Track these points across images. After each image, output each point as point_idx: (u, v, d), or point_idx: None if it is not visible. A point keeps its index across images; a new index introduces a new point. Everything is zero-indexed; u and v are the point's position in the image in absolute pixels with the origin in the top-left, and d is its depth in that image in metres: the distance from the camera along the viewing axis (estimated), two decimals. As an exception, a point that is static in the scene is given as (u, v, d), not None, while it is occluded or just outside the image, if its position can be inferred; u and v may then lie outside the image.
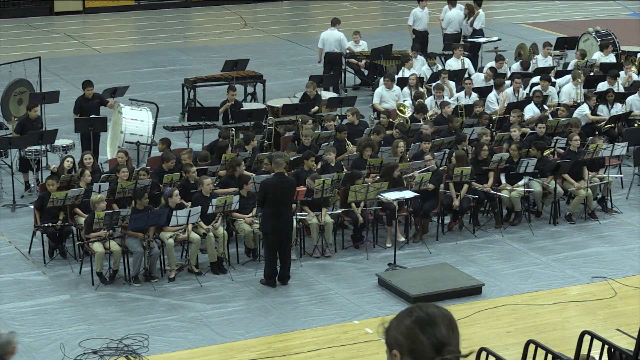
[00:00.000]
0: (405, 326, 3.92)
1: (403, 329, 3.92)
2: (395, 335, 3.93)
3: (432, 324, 3.91)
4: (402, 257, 16.36)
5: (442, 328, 3.92)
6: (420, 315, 3.92)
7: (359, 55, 25.44)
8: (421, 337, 3.89)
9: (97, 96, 20.14)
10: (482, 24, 26.84)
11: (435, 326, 3.91)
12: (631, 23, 32.66)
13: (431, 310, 3.96)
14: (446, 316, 3.96)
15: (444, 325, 3.93)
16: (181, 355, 13.52)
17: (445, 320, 3.95)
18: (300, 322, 14.41)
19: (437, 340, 3.90)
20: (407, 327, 3.91)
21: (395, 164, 17.08)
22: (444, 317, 3.96)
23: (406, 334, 3.91)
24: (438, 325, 3.91)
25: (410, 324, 3.92)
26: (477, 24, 26.66)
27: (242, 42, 30.44)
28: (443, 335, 3.91)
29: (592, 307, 14.97)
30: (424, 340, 3.89)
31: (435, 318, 3.92)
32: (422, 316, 3.92)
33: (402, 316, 3.97)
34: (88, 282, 15.51)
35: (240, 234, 16.29)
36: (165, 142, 17.90)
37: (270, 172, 16.47)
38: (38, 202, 16.33)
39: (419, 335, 3.90)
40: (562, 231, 17.64)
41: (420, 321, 3.91)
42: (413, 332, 3.90)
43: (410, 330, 3.91)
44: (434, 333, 3.90)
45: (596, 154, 18.14)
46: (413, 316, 3.93)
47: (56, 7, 34.03)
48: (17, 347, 10.37)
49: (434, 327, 3.91)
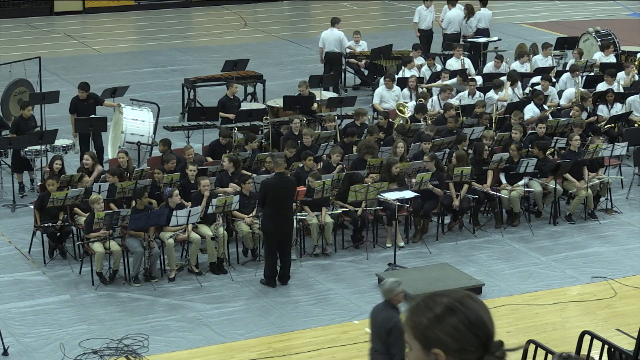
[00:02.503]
0: (452, 326, 3.69)
1: (449, 328, 3.69)
2: (438, 335, 3.70)
3: (480, 322, 3.71)
4: (402, 257, 16.36)
5: (488, 324, 3.73)
6: (467, 314, 3.70)
7: (359, 55, 25.44)
8: (470, 337, 3.69)
9: (92, 96, 20.12)
10: (486, 24, 26.82)
11: (483, 324, 3.72)
12: (631, 23, 32.66)
13: (472, 305, 3.74)
14: (483, 306, 3.77)
15: (488, 318, 3.75)
16: (181, 355, 13.52)
17: (486, 311, 3.76)
18: (300, 322, 14.41)
19: (486, 337, 3.72)
20: (454, 327, 3.69)
21: (394, 160, 17.08)
22: (484, 308, 3.76)
23: (453, 334, 3.69)
24: (485, 322, 3.73)
25: (457, 323, 3.69)
26: (474, 23, 26.64)
27: (242, 42, 30.44)
28: (490, 331, 3.73)
29: (592, 307, 14.97)
30: (473, 341, 3.70)
31: (480, 315, 3.72)
32: (469, 315, 3.70)
33: (442, 313, 3.71)
34: (88, 282, 15.51)
35: (239, 234, 16.29)
36: (166, 144, 17.89)
37: (272, 171, 16.47)
38: (38, 202, 16.33)
39: (469, 336, 3.69)
40: (562, 231, 17.64)
41: (469, 320, 3.70)
42: (461, 332, 3.69)
43: (457, 331, 3.69)
44: (484, 331, 3.71)
45: (596, 154, 18.14)
46: (458, 315, 3.70)
47: (56, 7, 34.03)
48: (401, 295, 11.23)
49: (483, 325, 3.72)
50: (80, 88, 20.10)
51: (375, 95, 22.04)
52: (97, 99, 20.18)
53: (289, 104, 20.92)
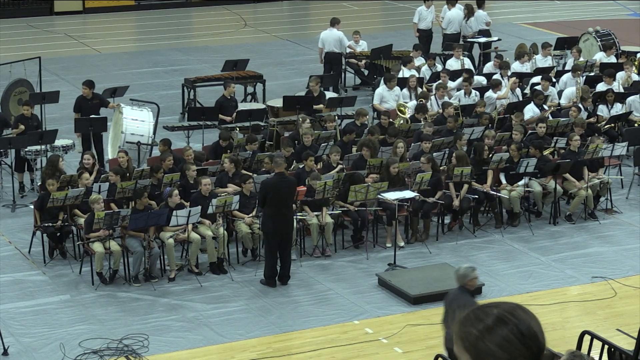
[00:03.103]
0: (502, 337, 3.65)
1: (499, 339, 3.64)
2: (489, 346, 3.65)
3: (531, 333, 3.68)
4: (402, 257, 16.36)
5: (539, 335, 3.69)
6: (518, 325, 3.66)
7: (359, 55, 25.44)
8: (521, 348, 3.65)
9: (96, 96, 20.12)
10: (483, 24, 26.82)
11: (534, 335, 3.68)
12: (631, 23, 32.66)
13: (522, 316, 3.70)
14: (534, 317, 3.73)
15: (539, 329, 3.71)
16: (181, 355, 13.52)
17: (537, 323, 3.73)
18: (300, 322, 14.41)
19: (538, 349, 3.69)
20: (505, 339, 3.65)
21: (393, 160, 17.08)
22: (535, 320, 3.72)
23: (503, 345, 3.64)
24: (536, 334, 3.68)
25: (508, 334, 3.65)
26: (474, 23, 26.65)
27: (242, 42, 30.44)
28: (541, 342, 3.69)
29: (592, 307, 14.97)
30: (524, 352, 3.66)
31: (531, 326, 3.69)
32: (520, 326, 3.66)
33: (493, 324, 3.67)
34: (88, 282, 15.51)
35: (239, 234, 16.28)
36: (166, 144, 17.90)
37: (271, 171, 16.48)
38: (38, 202, 16.33)
39: (520, 347, 3.65)
40: (562, 231, 17.64)
41: (521, 332, 3.66)
42: (512, 343, 3.65)
43: (508, 342, 3.64)
44: (535, 342, 3.68)
45: (596, 154, 18.14)
46: (509, 326, 3.66)
47: (56, 7, 34.03)
48: (475, 280, 11.67)
49: (534, 336, 3.68)
50: (84, 85, 20.09)
51: (375, 95, 22.03)
52: (103, 101, 20.15)
53: (289, 104, 20.92)
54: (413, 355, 13.50)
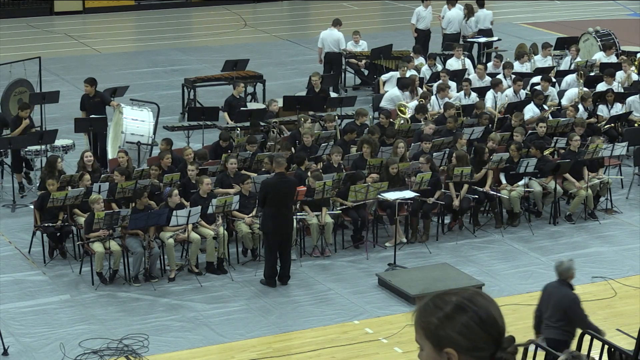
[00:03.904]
0: (462, 324, 3.67)
1: (460, 327, 3.67)
2: (450, 333, 3.67)
3: (491, 319, 3.69)
4: (402, 257, 16.36)
5: (498, 320, 3.71)
6: (478, 312, 3.68)
7: (359, 55, 25.44)
8: (482, 334, 3.67)
9: (98, 95, 20.14)
10: (488, 24, 26.82)
11: (494, 321, 3.69)
12: (631, 23, 32.66)
13: (481, 302, 3.71)
14: (493, 302, 3.74)
15: (498, 314, 3.72)
16: (181, 355, 13.52)
17: (496, 308, 3.74)
18: (300, 322, 14.41)
19: (498, 334, 3.70)
20: (465, 325, 3.67)
21: (392, 160, 17.08)
22: (494, 305, 3.73)
23: (464, 332, 3.66)
24: (495, 319, 3.70)
25: (468, 321, 3.67)
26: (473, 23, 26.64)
27: (242, 42, 30.44)
28: (501, 327, 3.71)
29: (592, 307, 14.95)
30: (485, 338, 3.67)
31: (491, 311, 3.70)
32: (480, 312, 3.68)
33: (452, 312, 3.69)
34: (88, 282, 15.51)
35: (239, 234, 16.28)
36: (169, 143, 17.95)
37: (271, 171, 16.47)
38: (38, 202, 16.33)
39: (481, 333, 3.67)
40: (562, 231, 17.63)
41: (480, 319, 3.67)
42: (472, 330, 3.67)
43: (468, 329, 3.66)
44: (495, 327, 3.69)
45: (596, 154, 18.14)
46: (468, 313, 3.67)
47: (56, 7, 34.03)
48: (573, 272, 12.09)
49: (494, 322, 3.69)
50: (86, 83, 20.12)
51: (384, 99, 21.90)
52: (104, 99, 20.16)
53: (289, 104, 20.93)
54: (413, 355, 13.46)
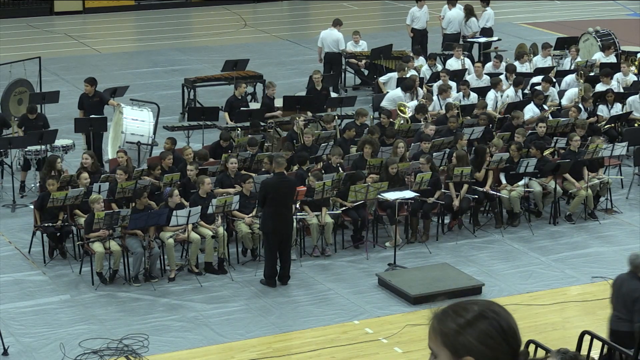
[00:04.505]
0: (483, 331, 3.60)
1: (480, 334, 3.60)
2: (469, 340, 3.60)
3: (511, 329, 3.64)
4: (402, 257, 16.36)
5: (517, 332, 3.66)
6: (499, 321, 3.63)
7: (359, 55, 25.44)
8: (504, 345, 3.62)
9: (97, 94, 20.15)
10: (492, 23, 26.82)
11: (514, 332, 3.64)
12: (631, 23, 32.65)
13: (502, 312, 3.66)
14: (512, 317, 3.70)
15: (517, 327, 3.68)
16: (181, 355, 13.52)
17: (515, 322, 3.69)
18: (300, 322, 14.41)
19: (517, 346, 3.66)
20: (485, 333, 3.60)
21: (392, 160, 17.08)
22: (513, 319, 3.69)
23: (484, 340, 3.60)
24: (515, 331, 3.65)
25: (490, 329, 3.61)
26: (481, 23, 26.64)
27: (242, 42, 30.44)
28: (519, 340, 3.67)
29: (592, 307, 14.97)
30: (505, 348, 3.62)
31: (511, 323, 3.65)
32: (501, 322, 3.63)
33: (473, 319, 3.63)
34: (88, 282, 15.51)
35: (239, 234, 16.28)
36: (174, 143, 18.05)
37: (271, 171, 16.47)
38: (38, 202, 16.33)
39: (502, 344, 3.62)
40: (562, 231, 17.63)
41: (502, 327, 3.62)
42: (494, 338, 3.61)
43: (489, 337, 3.60)
44: (515, 339, 3.65)
45: (596, 154, 18.14)
46: (490, 320, 3.62)
47: (56, 7, 34.03)
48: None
49: (514, 333, 3.65)
50: (86, 82, 20.15)
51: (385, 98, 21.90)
52: (103, 99, 20.16)
53: (289, 104, 20.93)
54: (413, 355, 13.50)
